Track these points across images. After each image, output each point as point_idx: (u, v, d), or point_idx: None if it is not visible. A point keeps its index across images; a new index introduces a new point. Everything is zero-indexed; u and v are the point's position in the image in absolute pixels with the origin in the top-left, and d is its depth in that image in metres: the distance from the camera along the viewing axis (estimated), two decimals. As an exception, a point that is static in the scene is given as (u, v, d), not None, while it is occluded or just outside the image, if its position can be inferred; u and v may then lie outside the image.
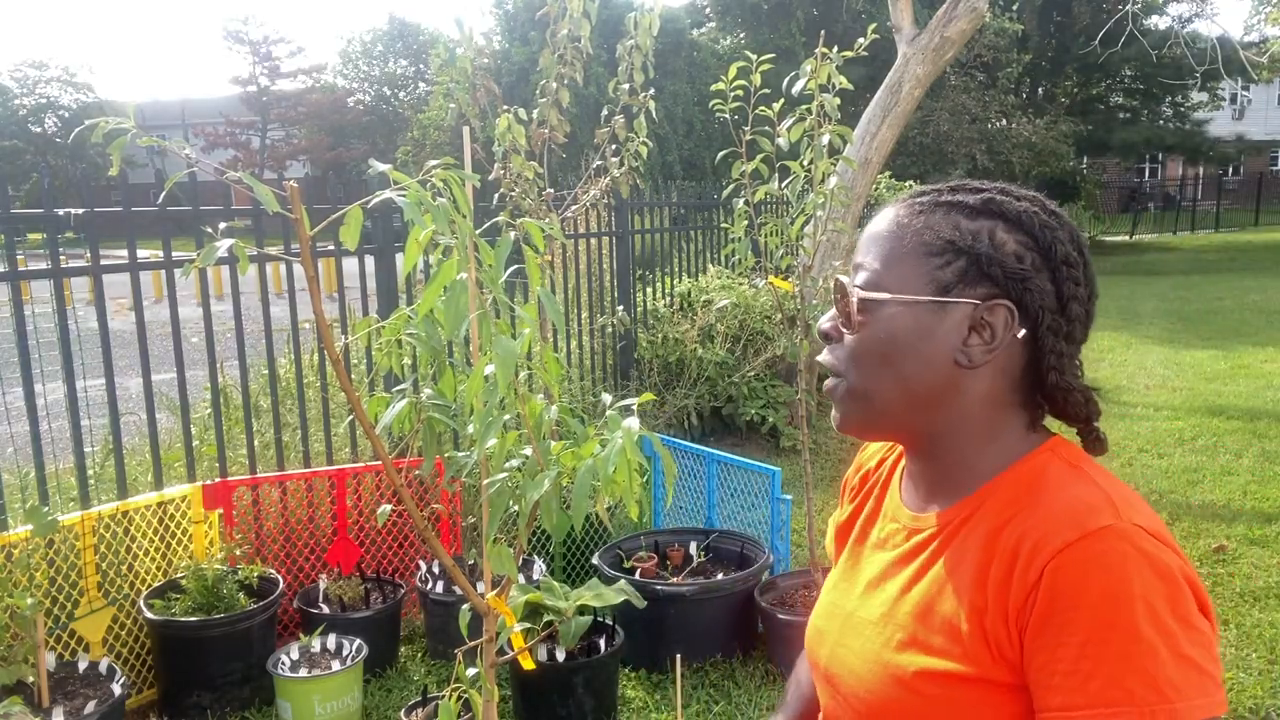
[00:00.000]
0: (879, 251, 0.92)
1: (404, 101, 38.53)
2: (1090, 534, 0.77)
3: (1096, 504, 0.80)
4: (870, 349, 0.91)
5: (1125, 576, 0.74)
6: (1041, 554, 0.78)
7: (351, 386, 1.38)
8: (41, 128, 37.18)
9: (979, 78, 18.80)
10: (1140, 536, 0.77)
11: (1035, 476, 0.87)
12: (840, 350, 0.94)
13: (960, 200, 0.91)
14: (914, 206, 0.93)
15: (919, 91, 6.51)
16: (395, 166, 1.28)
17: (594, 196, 3.47)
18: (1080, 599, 0.75)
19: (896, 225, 0.92)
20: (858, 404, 0.93)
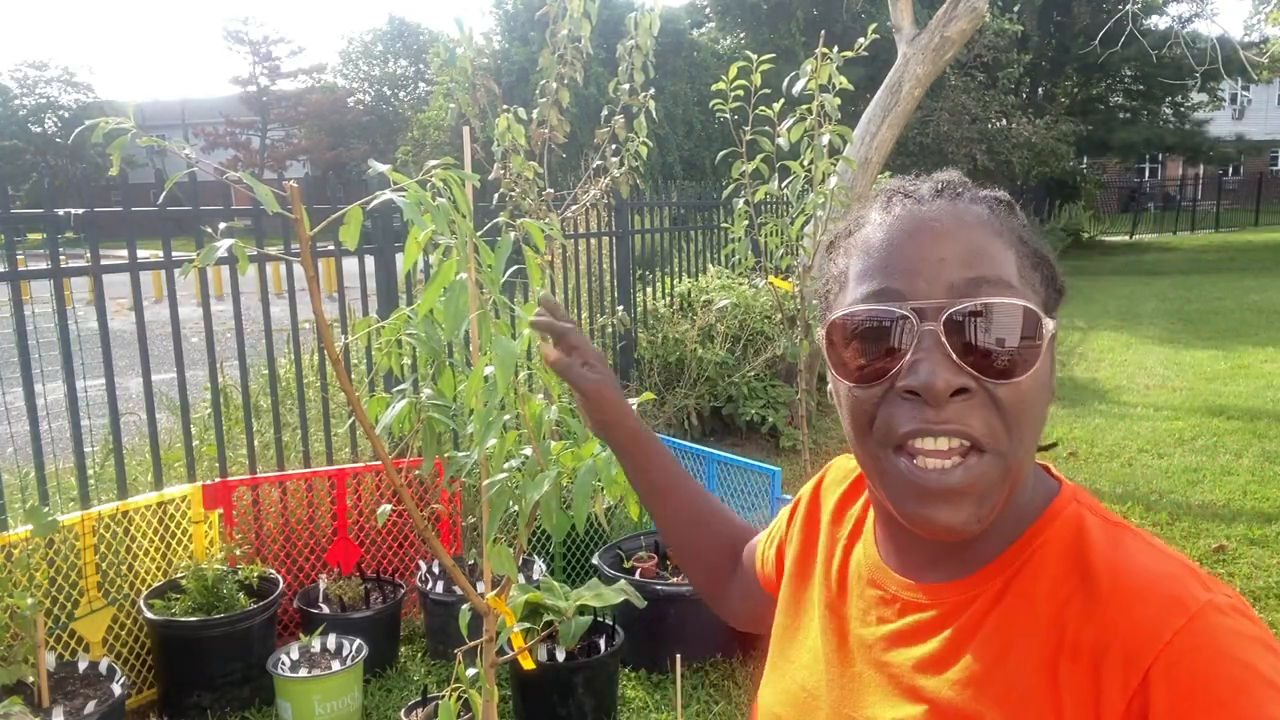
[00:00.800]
0: (1002, 261, 0.70)
1: (404, 101, 38.53)
2: (1195, 615, 0.62)
3: (1180, 576, 0.66)
4: (1035, 398, 0.69)
5: (1247, 661, 0.61)
6: (1143, 653, 0.62)
7: (351, 386, 1.38)
8: (41, 128, 37.18)
9: (979, 78, 18.80)
10: (1237, 609, 0.64)
11: (1076, 539, 0.70)
12: (984, 411, 0.67)
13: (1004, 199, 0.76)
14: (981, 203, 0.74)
15: (919, 91, 6.51)
16: (395, 166, 1.28)
17: (594, 196, 3.47)
18: (1209, 699, 0.60)
19: (994, 229, 0.72)
20: (1003, 491, 0.69)
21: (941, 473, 0.67)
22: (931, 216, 0.72)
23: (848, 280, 0.75)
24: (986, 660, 0.69)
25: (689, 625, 3.33)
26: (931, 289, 0.69)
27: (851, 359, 0.72)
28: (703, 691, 3.21)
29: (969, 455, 0.67)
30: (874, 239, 0.73)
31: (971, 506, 0.68)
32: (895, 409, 0.69)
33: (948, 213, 0.72)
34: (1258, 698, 0.59)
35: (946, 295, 0.68)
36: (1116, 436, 6.26)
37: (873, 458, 0.72)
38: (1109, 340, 10.10)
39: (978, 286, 0.68)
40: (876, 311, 0.70)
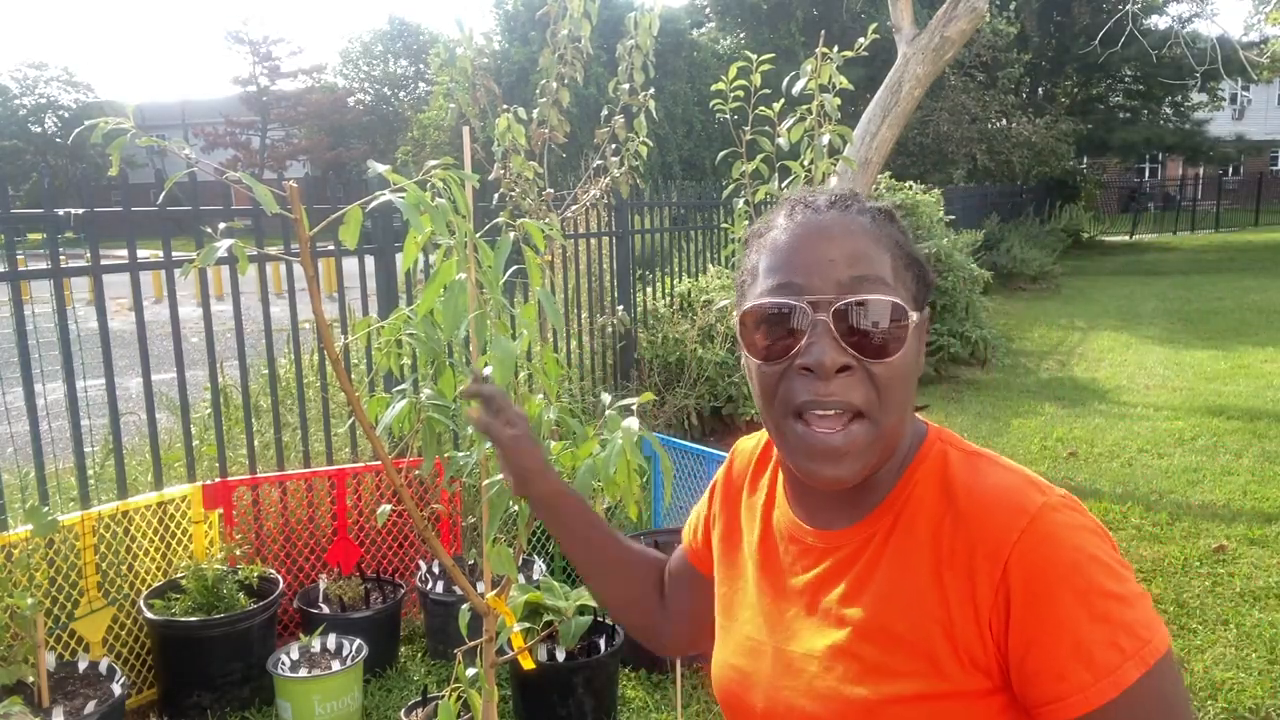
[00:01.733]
0: (879, 263, 0.86)
1: (404, 101, 38.53)
2: (1035, 516, 0.79)
3: (1017, 484, 0.83)
4: (903, 377, 0.85)
5: (1077, 544, 0.78)
6: (999, 551, 0.79)
7: (351, 387, 1.38)
8: (41, 128, 37.18)
9: (979, 78, 18.80)
10: (1066, 503, 0.81)
11: (942, 471, 0.86)
12: (863, 385, 0.84)
13: (885, 210, 0.91)
14: (865, 214, 0.89)
15: (919, 91, 6.51)
16: (395, 166, 1.29)
17: (594, 196, 3.47)
18: (1051, 579, 0.77)
19: (874, 236, 0.87)
20: (880, 450, 0.86)
21: (828, 435, 0.83)
22: (825, 224, 0.87)
23: (758, 274, 0.90)
24: (889, 583, 0.84)
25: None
26: (824, 285, 0.84)
27: (760, 341, 0.87)
28: (703, 691, 3.21)
29: (851, 422, 0.84)
30: (779, 240, 0.89)
31: (850, 463, 0.84)
32: (794, 383, 0.85)
33: (838, 221, 0.87)
34: (1088, 571, 0.77)
35: (835, 291, 0.84)
36: (1116, 436, 6.26)
37: (776, 424, 0.87)
38: (1109, 340, 10.10)
39: (859, 284, 0.84)
40: (780, 303, 0.85)
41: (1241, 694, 3.11)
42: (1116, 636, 0.76)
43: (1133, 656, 0.76)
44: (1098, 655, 0.76)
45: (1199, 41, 17.17)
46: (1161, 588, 3.93)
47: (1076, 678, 0.76)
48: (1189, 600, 3.81)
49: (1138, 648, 0.76)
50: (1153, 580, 4.00)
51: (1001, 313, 11.64)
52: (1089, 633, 0.76)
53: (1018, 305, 13.01)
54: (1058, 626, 0.76)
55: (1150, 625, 0.77)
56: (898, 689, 0.82)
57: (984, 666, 0.80)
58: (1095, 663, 0.76)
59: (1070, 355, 9.36)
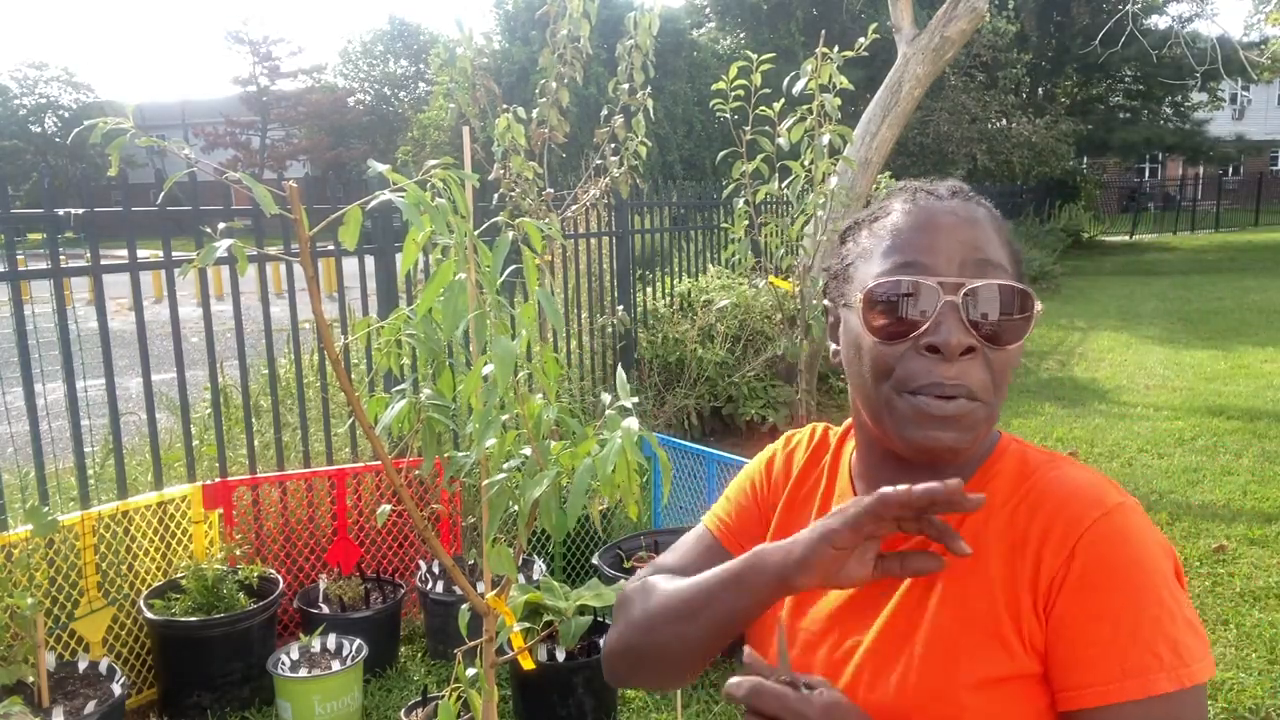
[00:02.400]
0: (1001, 253, 0.89)
1: (404, 101, 38.52)
2: (1110, 510, 0.81)
3: (1100, 484, 0.84)
4: (1013, 365, 0.88)
5: (1145, 547, 0.80)
6: (1069, 536, 0.80)
7: (351, 387, 1.38)
8: (41, 128, 37.19)
9: (979, 78, 18.80)
10: (1141, 512, 0.83)
11: (1020, 466, 0.89)
12: (981, 370, 0.85)
13: (989, 203, 0.94)
14: (983, 206, 0.92)
15: (919, 91, 6.51)
16: (395, 166, 1.29)
17: (594, 196, 3.47)
18: (1112, 571, 0.78)
19: (997, 226, 0.91)
20: (982, 432, 0.87)
21: (943, 403, 0.84)
22: (949, 209, 0.89)
23: (873, 256, 0.90)
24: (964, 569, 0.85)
25: (689, 625, 3.33)
26: (950, 267, 0.85)
27: (879, 320, 0.87)
28: (703, 691, 3.21)
29: (973, 402, 0.85)
30: (902, 223, 0.90)
31: (960, 432, 0.84)
32: (914, 362, 0.85)
33: (962, 208, 0.89)
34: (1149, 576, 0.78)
35: (960, 273, 0.85)
36: (1116, 436, 6.26)
37: (885, 399, 0.87)
38: (1109, 340, 10.10)
39: (986, 268, 0.86)
40: (911, 281, 0.85)
41: (1241, 694, 3.11)
42: (1157, 645, 0.76)
43: (1168, 670, 0.76)
44: (1133, 655, 0.76)
45: (1199, 41, 17.18)
46: (1161, 588, 3.93)
47: (1105, 668, 0.76)
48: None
49: (1176, 665, 0.76)
50: (1153, 580, 4.00)
51: (1001, 313, 11.62)
52: (1131, 631, 0.76)
53: (1018, 305, 12.98)
54: (1102, 615, 0.77)
55: (1196, 653, 0.77)
56: (978, 672, 0.82)
57: (1040, 650, 0.81)
58: (1128, 661, 0.76)
59: (1070, 355, 9.36)
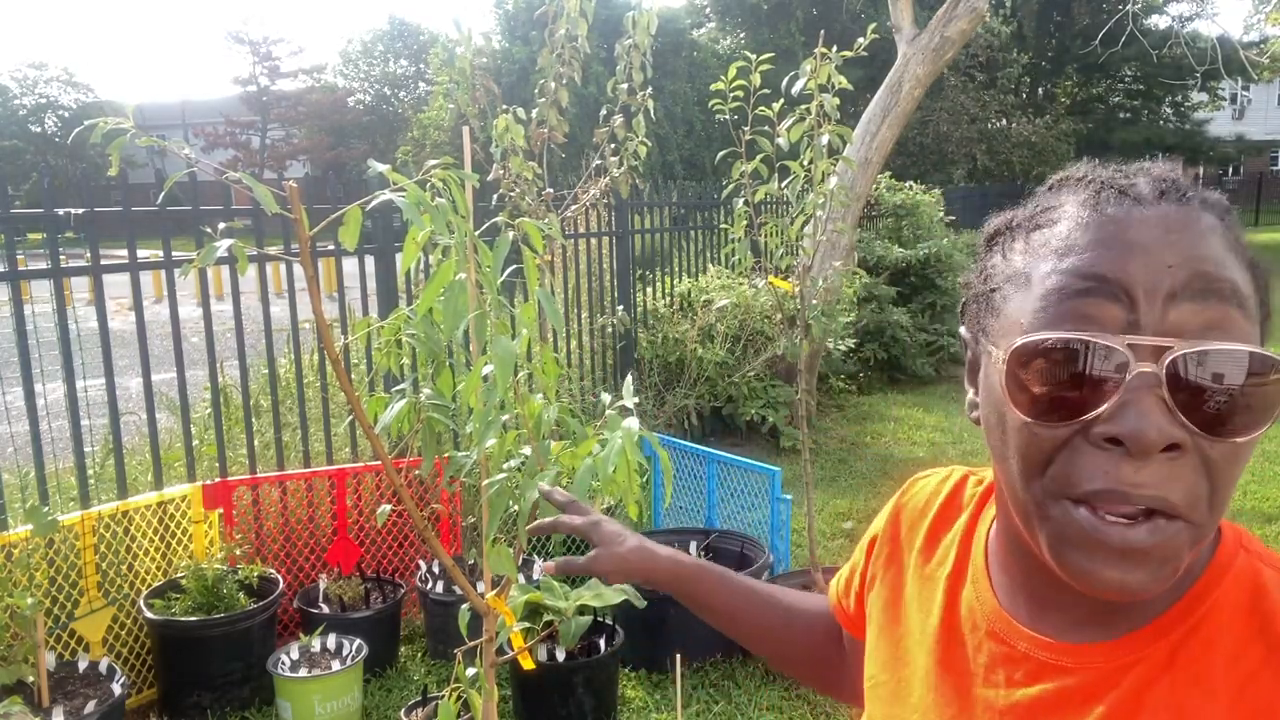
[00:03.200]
0: (1243, 299, 0.57)
1: (404, 101, 38.52)
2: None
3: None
4: (1244, 463, 0.58)
5: None
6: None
7: (351, 386, 1.38)
8: (41, 128, 37.18)
9: (978, 78, 18.82)
10: None
11: (1255, 597, 0.60)
12: (1191, 474, 0.56)
13: (1222, 201, 0.62)
14: (1216, 207, 0.60)
15: (919, 91, 6.52)
16: (395, 166, 1.29)
17: (594, 196, 3.47)
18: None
19: (1231, 241, 0.59)
20: (1188, 553, 0.57)
21: (1126, 528, 0.55)
22: (1158, 220, 0.58)
23: (1031, 285, 0.61)
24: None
25: (689, 625, 3.33)
26: (1163, 321, 0.56)
27: (1035, 388, 0.58)
28: (703, 691, 3.21)
29: (1157, 516, 0.56)
30: (1080, 241, 0.59)
31: (1152, 568, 0.56)
32: (1084, 457, 0.57)
33: (1178, 222, 0.58)
34: None
35: (1174, 331, 0.56)
36: (1116, 436, 6.26)
37: (1039, 505, 0.60)
38: (1109, 340, 10.09)
39: (1219, 326, 0.56)
40: (1080, 341, 0.56)
41: (1241, 694, 3.11)
42: None
43: None
44: None
45: (1199, 41, 17.19)
46: (1161, 587, 3.93)
47: None
48: (1189, 600, 3.81)
49: None
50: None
51: (1001, 313, 11.62)
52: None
53: (1018, 305, 12.99)
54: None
55: None
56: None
57: None
58: None
59: (1070, 355, 9.36)
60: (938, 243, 8.67)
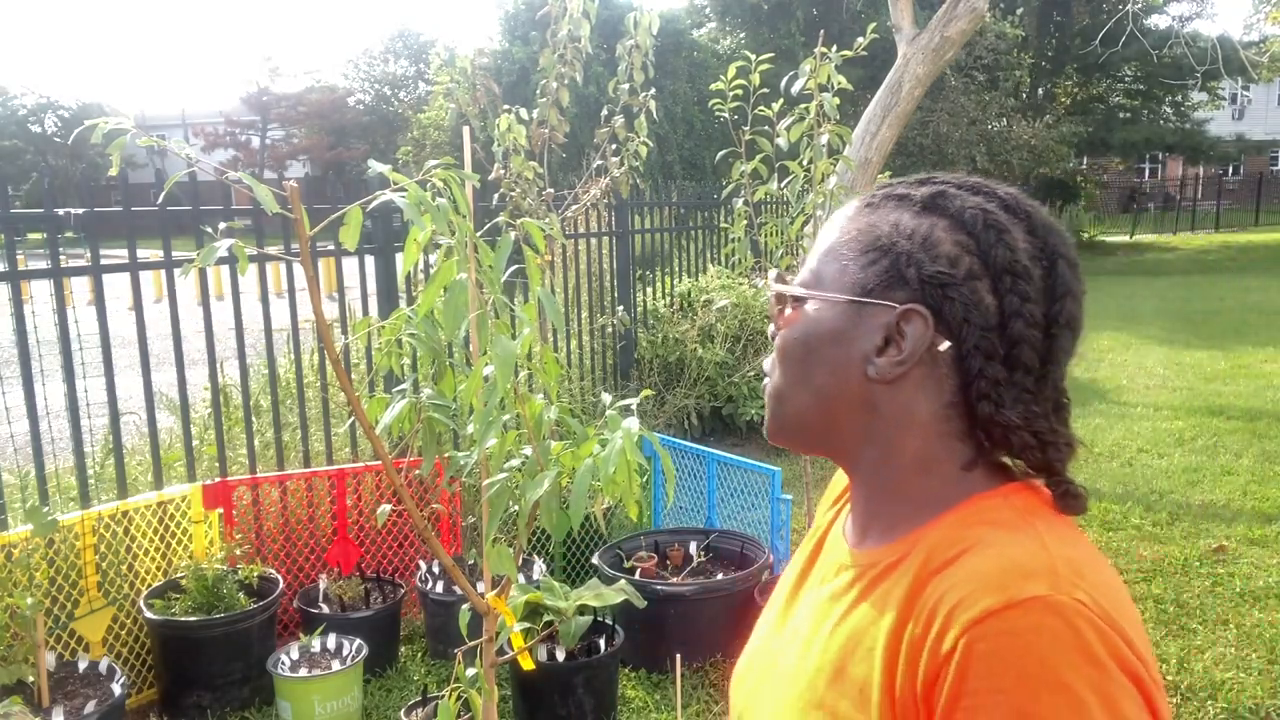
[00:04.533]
0: (819, 249, 0.84)
1: (404, 101, 38.51)
2: (1016, 604, 0.64)
3: (1032, 567, 0.67)
4: (789, 348, 0.83)
5: (1047, 659, 0.62)
6: (957, 621, 0.65)
7: (351, 387, 1.38)
8: (41, 128, 37.18)
9: (979, 78, 18.81)
10: (1078, 613, 0.64)
11: (974, 524, 0.74)
12: (774, 350, 0.87)
13: (910, 194, 0.80)
14: (868, 200, 0.83)
15: (919, 91, 6.52)
16: (395, 166, 1.29)
17: (594, 196, 3.47)
18: (991, 681, 0.63)
19: (841, 221, 0.84)
20: (774, 406, 0.86)
21: (763, 387, 0.88)
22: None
23: None
24: (866, 620, 0.75)
25: (689, 625, 3.33)
26: None
27: None
28: (703, 691, 3.21)
29: (766, 377, 0.87)
30: None
31: (765, 412, 0.87)
32: None
33: (840, 209, 0.87)
34: (1040, 696, 0.61)
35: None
36: (1116, 436, 6.26)
37: None
38: (1109, 340, 10.10)
39: (803, 267, 0.86)
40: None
41: (1241, 694, 3.11)
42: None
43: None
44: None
45: (1199, 41, 17.18)
46: (1161, 588, 3.93)
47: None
48: (1189, 600, 3.81)
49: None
50: (1153, 580, 4.00)
51: (1001, 313, 11.63)
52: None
53: (1018, 305, 12.99)
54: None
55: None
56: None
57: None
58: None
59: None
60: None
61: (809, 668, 0.79)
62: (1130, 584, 3.98)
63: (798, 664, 0.81)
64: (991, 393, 0.74)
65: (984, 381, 0.74)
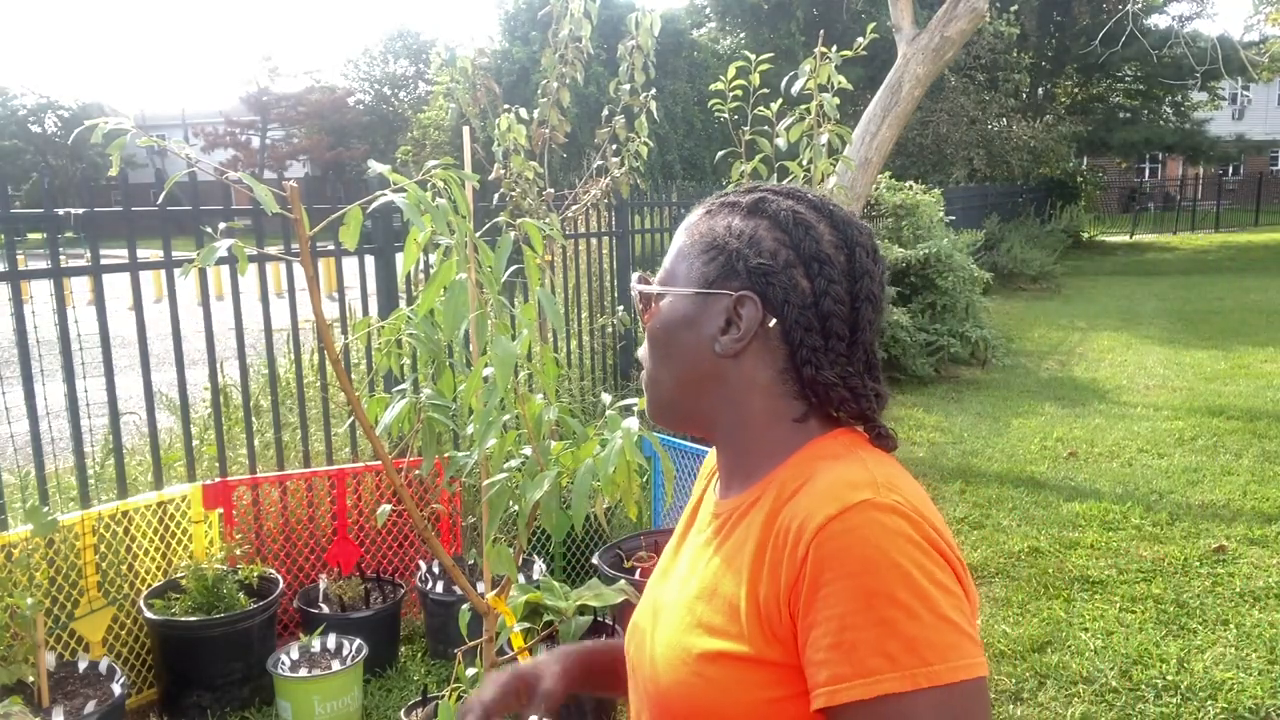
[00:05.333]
0: (671, 251, 1.00)
1: (404, 101, 38.51)
2: (849, 508, 0.80)
3: (857, 481, 0.84)
4: (654, 338, 1.00)
5: (881, 545, 0.78)
6: (806, 531, 0.81)
7: (351, 387, 1.38)
8: (41, 128, 37.18)
9: (979, 79, 18.80)
10: (895, 510, 0.81)
11: (812, 460, 0.91)
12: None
13: (736, 202, 0.97)
14: (706, 208, 1.00)
15: (919, 91, 6.51)
16: (395, 166, 1.29)
17: (594, 196, 3.47)
18: (841, 570, 0.78)
19: (687, 226, 1.00)
20: (649, 391, 1.02)
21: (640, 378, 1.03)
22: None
23: None
24: (733, 548, 0.91)
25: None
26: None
27: None
28: (703, 691, 3.21)
29: (641, 368, 1.03)
30: None
31: (644, 398, 1.04)
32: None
33: (688, 218, 1.02)
34: (883, 574, 0.77)
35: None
36: (1116, 436, 6.26)
37: None
38: (1109, 340, 10.10)
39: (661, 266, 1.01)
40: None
41: (1241, 694, 3.11)
42: (888, 644, 0.75)
43: (901, 669, 0.75)
44: (863, 655, 0.75)
45: (1199, 41, 17.18)
46: (1161, 588, 3.93)
47: (836, 670, 0.76)
48: (1189, 600, 3.81)
49: (910, 664, 0.75)
50: (1153, 580, 4.00)
51: (1001, 313, 11.64)
52: (862, 632, 0.76)
53: (1018, 305, 13.00)
54: (835, 617, 0.77)
55: (939, 650, 0.75)
56: (711, 645, 0.87)
57: (782, 639, 0.82)
58: (857, 662, 0.76)
59: (1070, 355, 9.37)
60: (938, 243, 8.66)
61: (687, 596, 0.94)
62: (1130, 584, 3.99)
63: (677, 598, 0.96)
64: (812, 358, 0.92)
65: (805, 349, 0.92)
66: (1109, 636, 3.54)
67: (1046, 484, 5.36)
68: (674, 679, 0.90)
